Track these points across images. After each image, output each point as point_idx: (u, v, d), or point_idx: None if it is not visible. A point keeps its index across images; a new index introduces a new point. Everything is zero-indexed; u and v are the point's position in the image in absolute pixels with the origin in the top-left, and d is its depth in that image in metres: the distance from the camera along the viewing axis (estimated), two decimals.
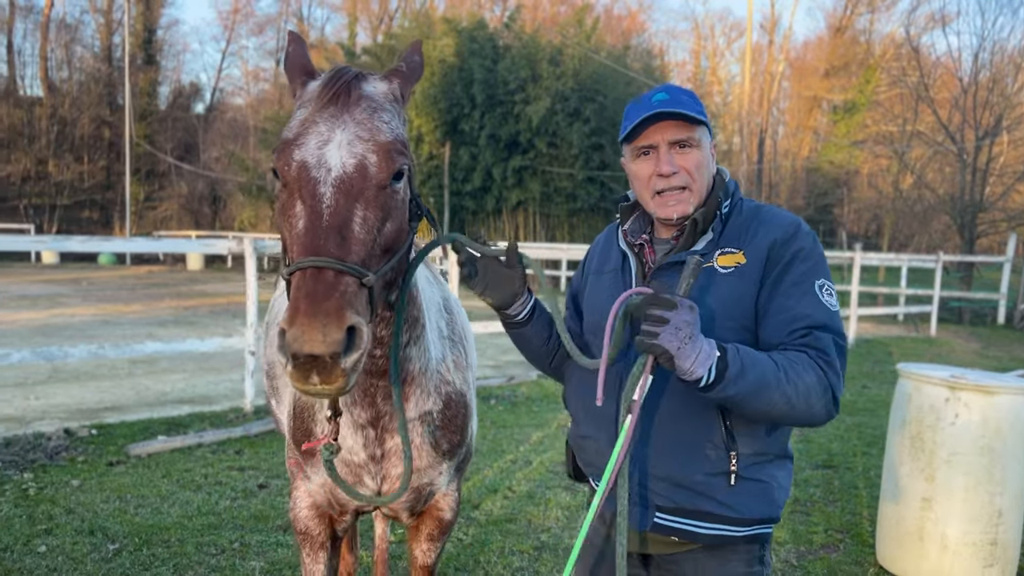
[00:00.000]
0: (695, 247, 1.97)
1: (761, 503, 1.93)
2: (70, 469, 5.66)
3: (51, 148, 40.66)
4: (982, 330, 18.57)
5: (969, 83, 24.48)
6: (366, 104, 1.81)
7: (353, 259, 1.61)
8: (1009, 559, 4.20)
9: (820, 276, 1.89)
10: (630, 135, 1.99)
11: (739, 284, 1.90)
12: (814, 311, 1.84)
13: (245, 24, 51.45)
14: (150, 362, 10.31)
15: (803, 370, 1.77)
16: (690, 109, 1.93)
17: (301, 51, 1.99)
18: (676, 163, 1.95)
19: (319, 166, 1.70)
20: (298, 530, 2.48)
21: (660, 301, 1.66)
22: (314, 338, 1.47)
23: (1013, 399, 4.07)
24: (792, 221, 1.97)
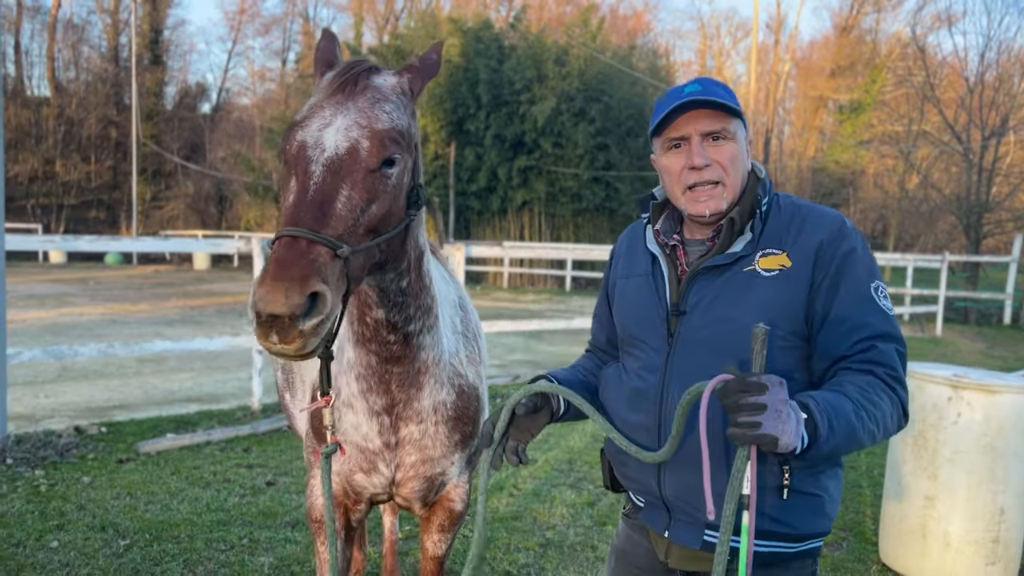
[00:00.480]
0: (732, 248, 1.85)
1: (814, 517, 1.83)
2: (80, 466, 5.72)
3: (58, 148, 40.84)
4: (988, 330, 18.55)
5: (975, 83, 24.46)
6: (371, 94, 1.91)
7: (328, 232, 1.71)
8: (1011, 557, 4.23)
9: (874, 278, 1.81)
10: (660, 126, 1.88)
11: (786, 289, 1.78)
12: (874, 319, 1.76)
13: (251, 24, 51.61)
14: (158, 361, 10.39)
15: (878, 399, 1.68)
16: (723, 98, 1.83)
17: (330, 46, 2.09)
18: (709, 155, 1.83)
19: (315, 146, 1.81)
20: (313, 518, 2.57)
21: (751, 386, 1.48)
22: (276, 299, 1.57)
23: (1015, 398, 4.10)
24: (836, 218, 1.86)
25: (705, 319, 1.83)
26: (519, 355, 12.01)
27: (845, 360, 1.76)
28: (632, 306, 2.00)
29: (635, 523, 2.05)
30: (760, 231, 1.85)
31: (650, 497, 1.95)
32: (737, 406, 1.48)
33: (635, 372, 1.95)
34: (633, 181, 27.07)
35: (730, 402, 1.49)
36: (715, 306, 1.83)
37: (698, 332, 1.84)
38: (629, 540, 2.08)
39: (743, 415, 1.47)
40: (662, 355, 1.89)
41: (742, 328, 1.74)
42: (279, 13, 55.59)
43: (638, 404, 1.91)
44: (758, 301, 1.78)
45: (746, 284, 1.81)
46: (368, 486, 2.46)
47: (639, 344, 1.96)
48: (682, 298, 1.88)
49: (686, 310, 1.86)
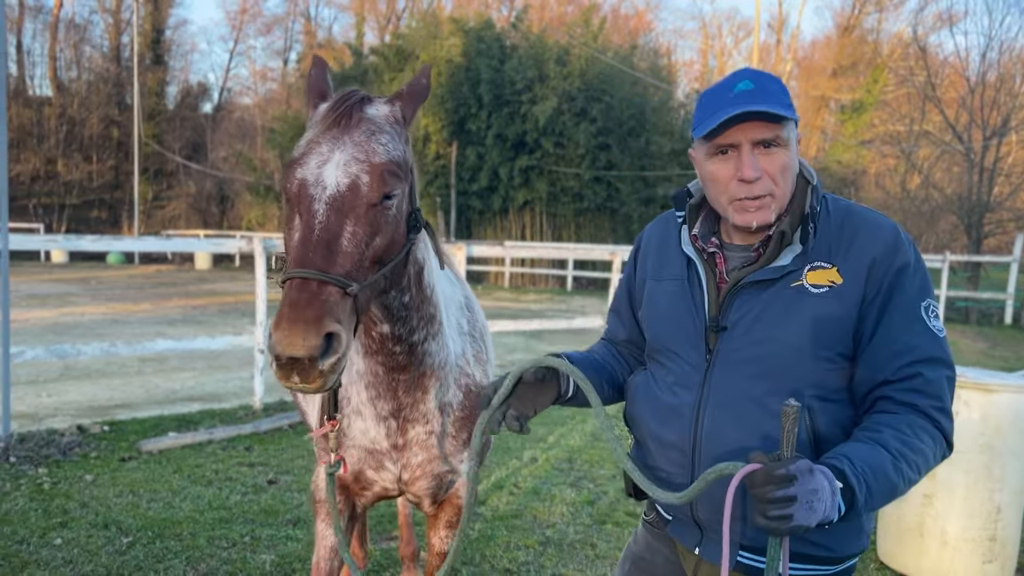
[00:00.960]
0: (780, 261, 1.72)
1: (854, 538, 1.76)
2: (83, 464, 5.75)
3: (60, 148, 40.93)
4: (989, 330, 18.56)
5: (976, 83, 24.48)
6: (366, 127, 1.94)
7: (337, 271, 1.75)
8: (1008, 555, 4.26)
9: (926, 296, 1.69)
10: (710, 132, 1.70)
11: (836, 308, 1.67)
12: (922, 341, 1.65)
13: (253, 24, 51.68)
14: (160, 360, 10.42)
15: (919, 444, 1.59)
16: (779, 103, 1.66)
17: (322, 74, 2.12)
18: (760, 166, 1.68)
19: (316, 184, 1.84)
20: (317, 499, 2.66)
21: (778, 479, 1.38)
22: (295, 343, 1.63)
23: (1013, 397, 4.12)
24: (891, 229, 1.72)
25: (748, 338, 1.73)
26: (520, 355, 12.04)
27: (888, 386, 1.66)
28: (666, 314, 1.88)
29: (659, 533, 1.99)
30: (811, 243, 1.72)
31: (680, 514, 1.89)
32: (766, 499, 1.39)
33: (667, 386, 1.85)
34: (634, 181, 27.10)
35: (758, 493, 1.41)
36: (759, 325, 1.72)
37: (740, 352, 1.73)
38: (649, 548, 2.02)
39: (773, 508, 1.39)
40: (699, 372, 1.78)
41: (789, 349, 1.68)
42: (281, 13, 55.78)
43: (671, 421, 1.82)
44: (806, 321, 1.68)
45: (793, 301, 1.70)
46: (377, 479, 2.54)
47: (673, 357, 1.85)
48: (722, 312, 1.77)
49: (727, 326, 1.75)
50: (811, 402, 1.69)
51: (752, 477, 1.43)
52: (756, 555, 1.75)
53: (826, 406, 1.71)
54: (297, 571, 4.11)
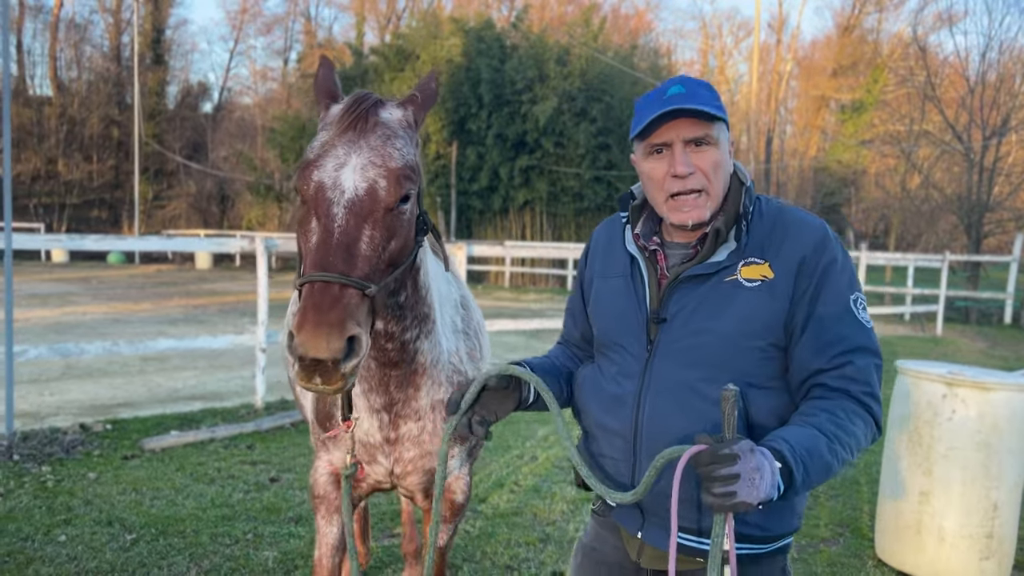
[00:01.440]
0: (716, 257, 1.83)
1: (786, 518, 1.87)
2: (86, 462, 5.79)
3: (60, 147, 40.95)
4: (988, 329, 18.60)
5: (976, 83, 24.51)
6: (381, 131, 1.96)
7: (357, 274, 1.79)
8: (1005, 552, 4.29)
9: (854, 289, 1.81)
10: (643, 131, 1.83)
11: (768, 301, 1.78)
12: (852, 332, 1.77)
13: (253, 24, 51.67)
14: (161, 359, 10.45)
15: (852, 426, 1.70)
16: (708, 104, 1.79)
17: (329, 75, 2.13)
18: (692, 162, 1.80)
19: (334, 188, 1.87)
20: (316, 494, 2.67)
21: (722, 458, 1.48)
22: (319, 345, 1.66)
23: (1009, 395, 4.15)
24: (819, 228, 1.85)
25: (686, 329, 1.83)
26: (520, 354, 12.07)
27: (822, 374, 1.77)
28: (611, 308, 1.99)
29: (606, 521, 2.07)
30: (745, 240, 1.83)
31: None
32: (711, 477, 1.49)
33: (612, 377, 1.95)
34: (634, 180, 27.03)
35: (704, 472, 1.50)
36: (696, 316, 1.82)
37: (678, 342, 1.84)
38: (598, 538, 2.10)
39: (717, 485, 1.48)
40: (640, 362, 1.89)
41: (723, 339, 1.78)
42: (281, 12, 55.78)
43: (615, 410, 1.92)
44: (740, 313, 1.78)
45: (728, 295, 1.80)
46: (370, 472, 2.58)
47: (617, 348, 1.95)
48: (662, 305, 1.87)
49: (666, 318, 1.86)
50: (745, 390, 1.78)
51: (698, 457, 1.52)
52: (699, 537, 1.83)
53: (759, 393, 1.81)
54: (299, 568, 4.15)
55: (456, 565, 4.25)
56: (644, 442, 1.85)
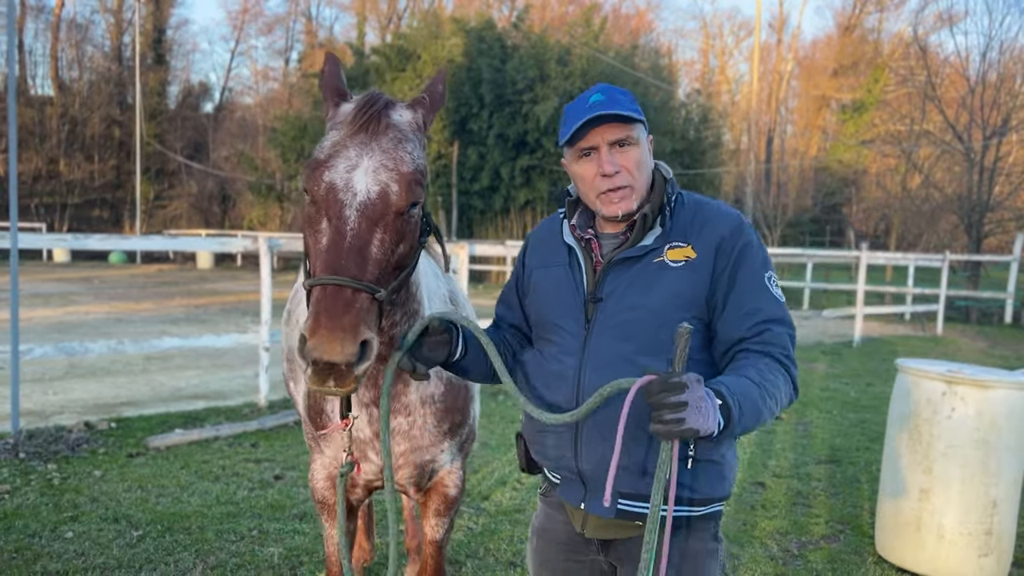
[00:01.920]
0: (644, 241, 2.01)
1: (716, 483, 2.01)
2: (92, 460, 5.83)
3: (62, 147, 41.01)
4: (989, 329, 18.62)
5: (977, 82, 24.52)
6: (393, 133, 1.98)
7: (368, 278, 1.81)
8: (1004, 549, 4.32)
9: (767, 269, 2.01)
10: (572, 138, 2.02)
11: (692, 278, 1.96)
12: (767, 305, 1.96)
13: (254, 24, 51.79)
14: (164, 358, 10.49)
15: (775, 378, 1.87)
16: (626, 109, 1.98)
17: (336, 72, 2.13)
18: (617, 162, 1.99)
19: (346, 189, 1.88)
20: (316, 499, 2.73)
21: (673, 386, 1.62)
22: (333, 349, 1.69)
23: (1008, 393, 4.19)
24: (735, 216, 2.05)
25: (620, 305, 1.99)
26: None
27: (744, 342, 1.95)
28: (550, 293, 2.14)
29: (552, 500, 2.21)
30: (669, 226, 2.02)
31: (566, 472, 2.08)
32: (661, 404, 1.62)
33: (553, 356, 2.09)
34: None
35: (654, 401, 1.63)
36: (628, 294, 1.99)
37: (613, 318, 2.00)
38: (548, 518, 2.23)
39: (667, 412, 1.61)
40: (579, 340, 2.03)
41: (653, 314, 1.95)
42: (282, 12, 55.84)
43: (556, 386, 2.05)
44: (667, 289, 1.96)
45: (656, 274, 1.99)
46: (363, 472, 2.59)
47: (557, 330, 2.09)
48: (598, 287, 2.03)
49: (602, 297, 2.02)
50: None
51: (648, 387, 1.66)
52: (632, 501, 1.98)
53: (687, 365, 1.93)
54: (304, 563, 4.19)
55: (459, 561, 4.29)
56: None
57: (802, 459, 6.56)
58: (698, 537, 2.04)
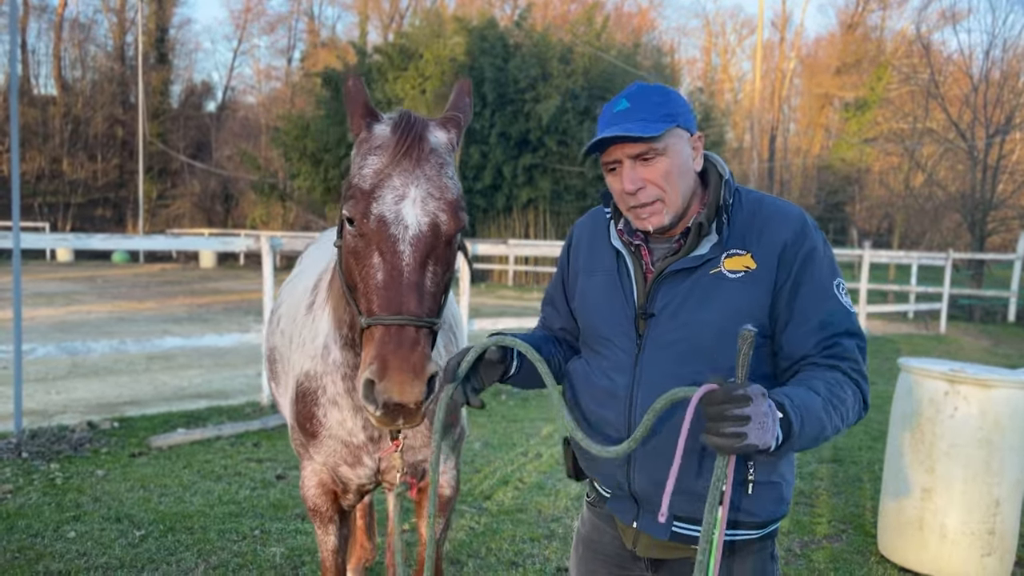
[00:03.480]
0: (699, 251, 1.87)
1: (775, 504, 1.92)
2: (94, 460, 5.84)
3: (65, 147, 41.06)
4: (992, 327, 18.59)
5: (980, 80, 24.45)
6: (435, 159, 1.96)
7: (427, 313, 1.82)
8: (1007, 548, 4.31)
9: (835, 275, 1.87)
10: (593, 150, 1.89)
11: (753, 291, 1.82)
12: (837, 317, 1.82)
13: (257, 23, 51.81)
14: (167, 358, 10.51)
15: (843, 393, 1.75)
16: (648, 119, 1.81)
17: (361, 89, 2.07)
18: (641, 177, 1.83)
19: (397, 223, 1.86)
20: (308, 507, 2.71)
21: (737, 399, 1.50)
22: (405, 391, 1.71)
23: (1010, 392, 4.18)
24: (798, 216, 1.89)
25: (673, 323, 1.86)
26: None
27: (811, 357, 1.82)
28: (599, 304, 2.01)
29: (601, 512, 2.11)
30: (727, 232, 1.87)
31: (617, 490, 1.99)
32: (722, 417, 1.50)
33: (603, 372, 1.97)
34: None
35: (714, 412, 1.51)
36: (683, 310, 1.86)
37: (666, 335, 1.87)
38: (596, 529, 2.14)
39: (728, 425, 1.50)
40: (631, 356, 1.91)
41: (710, 331, 1.82)
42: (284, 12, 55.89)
43: (607, 403, 1.95)
44: (725, 304, 1.83)
45: (713, 287, 1.84)
46: (353, 477, 2.57)
47: (606, 344, 1.98)
48: (649, 300, 1.90)
49: (654, 312, 1.89)
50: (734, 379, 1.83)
51: (710, 396, 1.53)
52: (688, 524, 1.88)
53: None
54: (307, 563, 4.19)
55: (461, 561, 4.28)
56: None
57: (804, 458, 6.55)
58: (756, 558, 1.96)
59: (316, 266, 2.90)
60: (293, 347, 2.68)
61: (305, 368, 2.52)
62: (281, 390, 3.02)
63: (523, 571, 4.19)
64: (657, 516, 1.85)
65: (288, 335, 2.79)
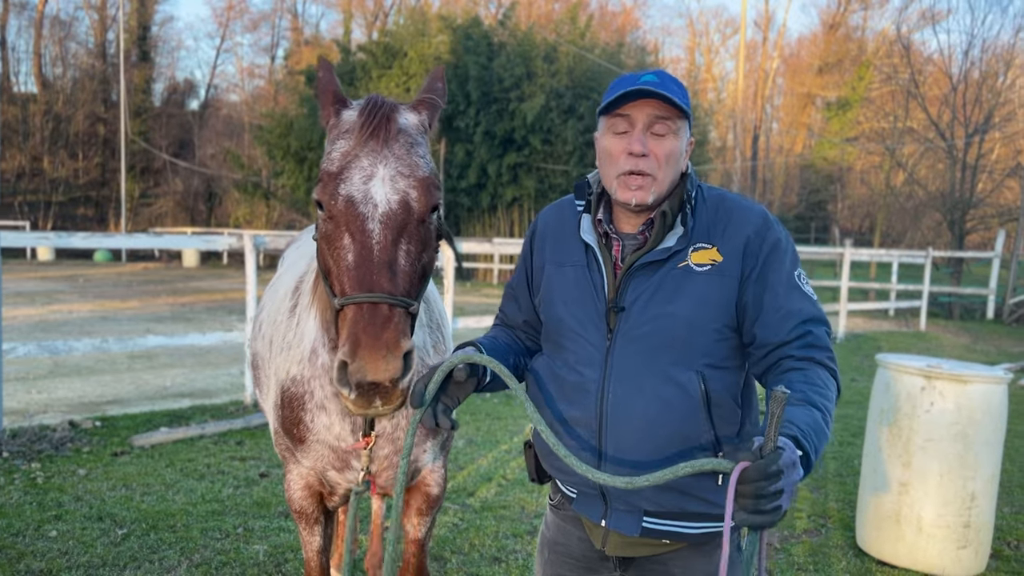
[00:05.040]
0: (665, 243, 1.88)
1: None
2: (76, 459, 5.81)
3: (46, 145, 40.69)
4: (971, 324, 18.79)
5: (959, 80, 24.70)
6: (403, 139, 1.93)
7: (401, 292, 1.78)
8: (982, 541, 4.38)
9: (797, 266, 1.91)
10: (610, 106, 1.89)
11: (719, 283, 1.85)
12: (804, 305, 1.85)
13: (239, 21, 51.53)
14: (149, 357, 10.46)
15: (829, 392, 1.76)
16: (676, 96, 1.84)
17: (331, 78, 2.06)
18: (648, 146, 1.85)
19: (365, 201, 1.83)
20: (294, 509, 2.68)
21: (772, 475, 1.43)
22: (377, 368, 1.66)
23: (985, 387, 4.25)
24: (759, 212, 1.93)
25: (644, 316, 1.87)
26: None
27: (786, 347, 1.83)
28: (568, 297, 1.99)
29: (566, 514, 2.09)
30: (691, 224, 1.89)
31: (585, 488, 1.98)
32: (758, 496, 1.43)
33: (570, 366, 1.96)
34: None
35: (750, 490, 1.44)
36: (653, 303, 1.87)
37: (637, 328, 1.88)
38: (561, 531, 2.12)
39: (766, 503, 1.44)
40: (601, 351, 1.91)
41: (680, 324, 1.85)
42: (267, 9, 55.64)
43: (577, 399, 1.93)
44: (694, 297, 1.85)
45: (682, 280, 1.87)
46: (342, 481, 2.54)
47: (575, 338, 1.96)
48: (620, 294, 1.90)
49: (624, 306, 1.90)
50: (704, 370, 1.86)
51: (744, 474, 1.46)
52: (658, 519, 1.90)
53: (716, 373, 1.88)
54: (290, 560, 4.20)
55: (444, 557, 4.31)
56: (609, 429, 1.88)
57: None
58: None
59: (296, 268, 2.86)
60: (275, 350, 2.64)
61: (291, 373, 2.48)
62: (263, 394, 3.02)
63: (505, 567, 4.21)
64: (628, 512, 1.90)
65: (269, 338, 2.75)
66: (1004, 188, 25.66)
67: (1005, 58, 26.39)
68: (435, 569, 4.16)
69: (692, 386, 1.84)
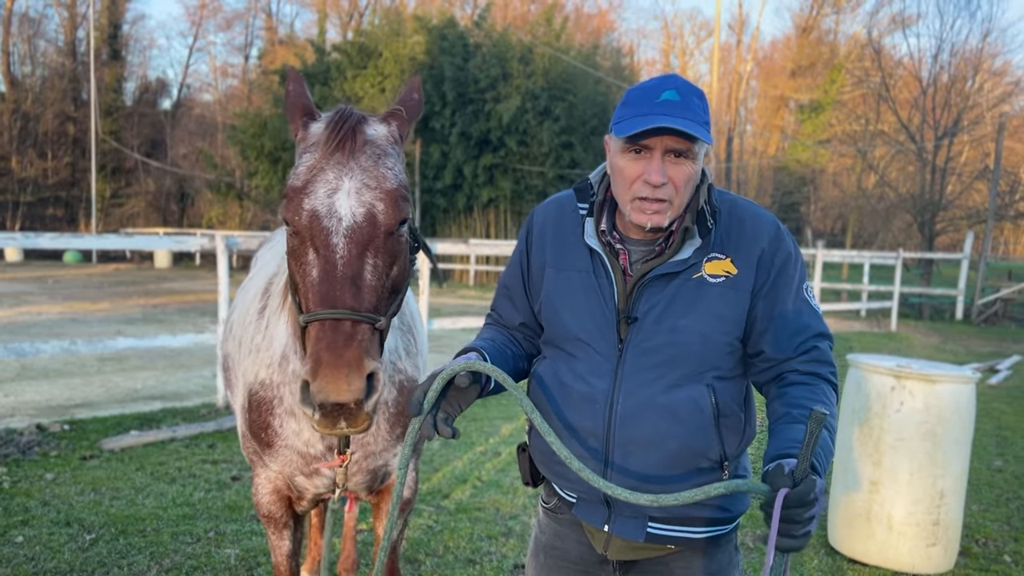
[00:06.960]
0: (681, 255, 1.83)
1: (744, 498, 1.95)
2: (43, 463, 5.71)
3: (13, 144, 40.01)
4: (941, 325, 19.07)
5: (928, 84, 25.07)
6: (371, 150, 1.89)
7: (366, 307, 1.73)
8: (951, 538, 4.44)
9: (804, 279, 1.91)
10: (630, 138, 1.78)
11: (733, 296, 1.83)
12: (811, 320, 1.85)
13: (213, 20, 51.00)
14: (120, 359, 10.31)
15: (832, 405, 1.78)
16: (697, 120, 1.76)
17: (301, 89, 2.02)
18: (667, 173, 1.76)
19: (330, 215, 1.78)
20: (262, 513, 2.64)
21: (809, 503, 1.51)
22: (339, 388, 1.62)
23: (954, 387, 4.30)
24: (772, 223, 1.91)
25: (658, 328, 1.83)
26: None
27: (792, 361, 1.84)
28: (574, 305, 1.92)
29: (564, 518, 2.05)
30: (710, 237, 1.85)
31: (587, 494, 1.94)
32: (794, 521, 1.52)
33: (578, 376, 1.90)
34: None
35: (787, 515, 1.52)
36: (667, 315, 1.83)
37: (650, 341, 1.83)
38: (557, 536, 2.07)
39: (799, 528, 1.52)
40: (611, 361, 1.86)
41: (695, 337, 1.82)
42: (241, 8, 55.15)
43: (584, 409, 1.88)
44: (709, 310, 1.82)
45: (696, 292, 1.83)
46: (310, 487, 2.51)
47: (582, 347, 1.90)
48: (632, 304, 1.85)
49: (637, 317, 1.84)
50: (713, 382, 1.86)
51: (784, 500, 1.52)
52: (664, 525, 1.89)
53: (724, 384, 1.89)
54: (262, 564, 4.16)
55: (418, 560, 4.29)
56: (616, 440, 1.85)
57: (757, 454, 6.65)
58: (724, 550, 1.99)
59: (267, 269, 2.82)
60: (243, 352, 2.61)
61: (260, 376, 2.45)
62: (234, 397, 2.98)
63: (480, 569, 4.20)
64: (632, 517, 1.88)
65: (238, 339, 2.72)
66: (972, 190, 26.09)
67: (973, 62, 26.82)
68: (409, 572, 4.14)
69: (703, 400, 1.84)
